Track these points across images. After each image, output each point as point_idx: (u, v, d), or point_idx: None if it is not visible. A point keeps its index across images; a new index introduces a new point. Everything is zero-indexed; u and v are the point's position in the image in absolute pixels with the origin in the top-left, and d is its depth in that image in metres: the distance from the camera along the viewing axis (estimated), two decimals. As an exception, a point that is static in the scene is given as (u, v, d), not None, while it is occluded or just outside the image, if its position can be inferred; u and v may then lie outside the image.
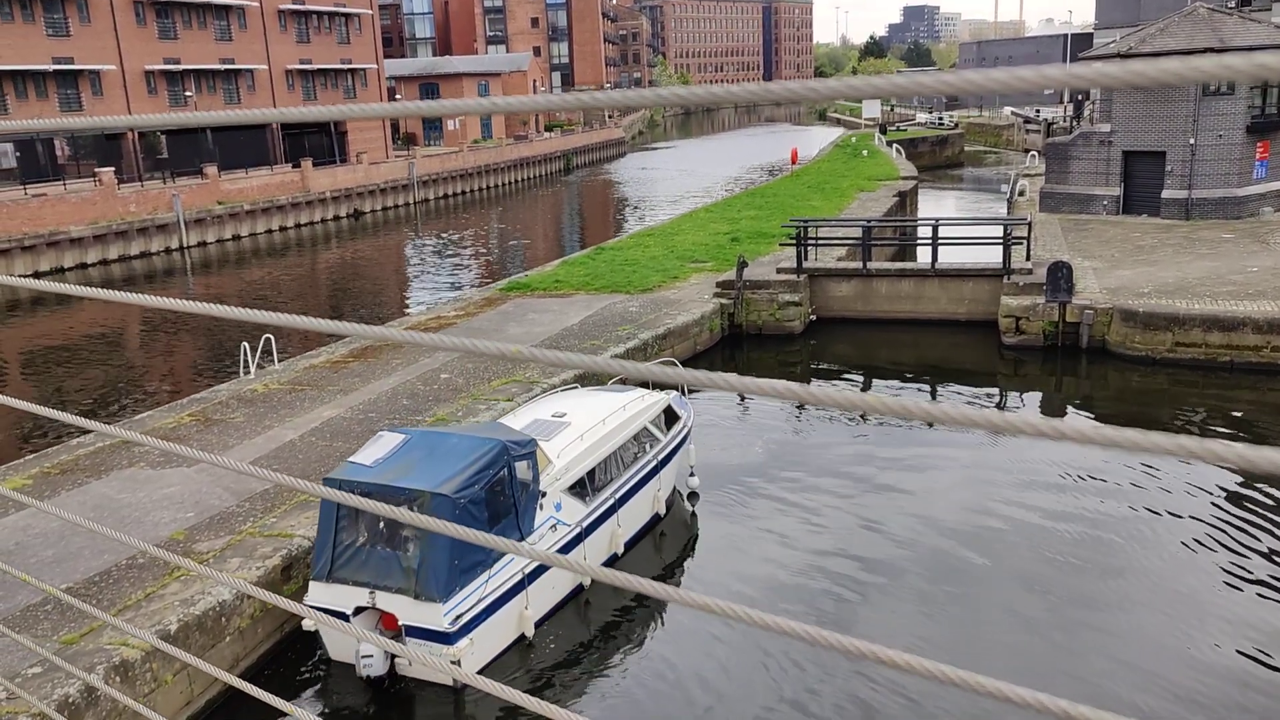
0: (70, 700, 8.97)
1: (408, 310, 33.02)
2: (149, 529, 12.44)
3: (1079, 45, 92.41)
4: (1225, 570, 12.86)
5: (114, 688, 9.39)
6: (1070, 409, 20.31)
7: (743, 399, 20.12)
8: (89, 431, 16.28)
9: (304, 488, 2.48)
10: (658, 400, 14.85)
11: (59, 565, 11.44)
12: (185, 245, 48.49)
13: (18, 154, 52.19)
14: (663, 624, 12.21)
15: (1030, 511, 14.65)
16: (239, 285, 40.71)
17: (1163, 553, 13.46)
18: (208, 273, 44.13)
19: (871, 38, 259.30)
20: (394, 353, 20.63)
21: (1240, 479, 15.32)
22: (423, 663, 10.44)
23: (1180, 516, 14.44)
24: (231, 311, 2.34)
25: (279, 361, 20.47)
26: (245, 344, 20.29)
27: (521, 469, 11.60)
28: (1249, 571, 12.79)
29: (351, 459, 11.62)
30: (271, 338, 20.92)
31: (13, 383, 26.46)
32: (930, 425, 18.03)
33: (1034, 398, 21.16)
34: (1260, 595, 12.22)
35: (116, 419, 21.17)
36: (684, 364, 22.58)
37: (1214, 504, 14.73)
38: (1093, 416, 19.48)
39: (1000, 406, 20.51)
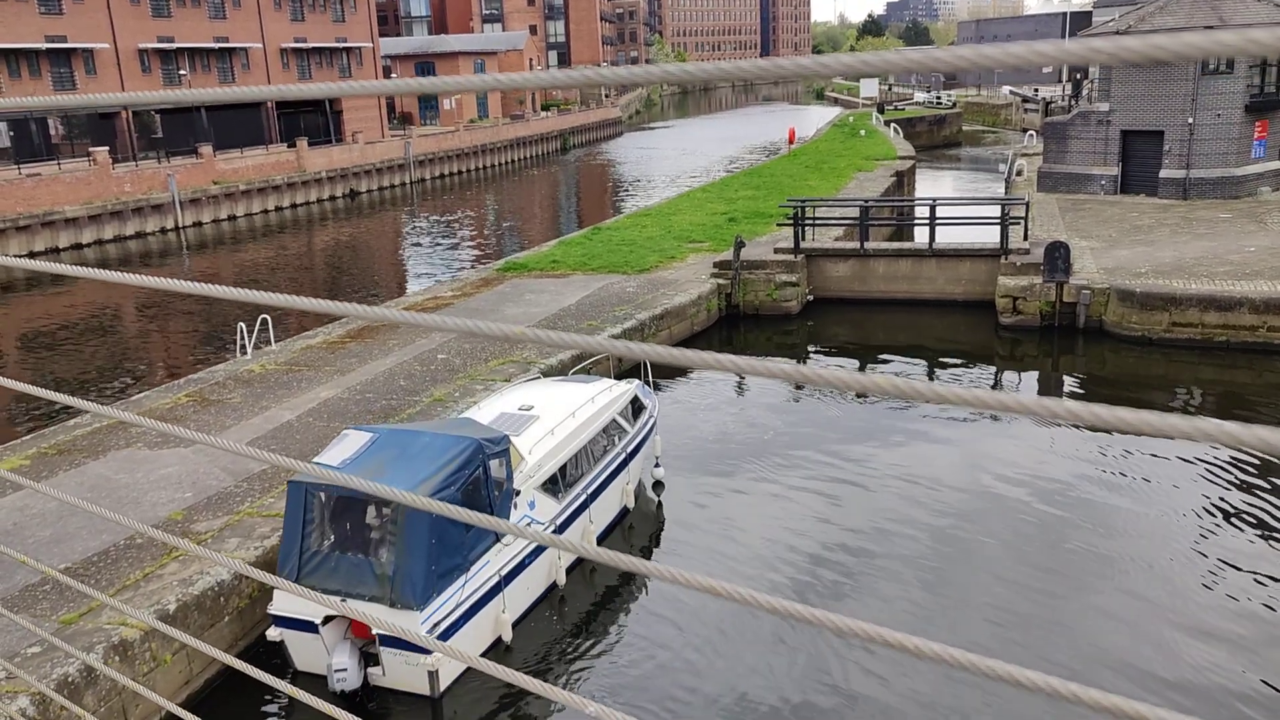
0: (70, 680, 9.01)
1: (405, 291, 32.96)
2: (147, 509, 12.45)
3: (1078, 24, 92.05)
4: (1219, 546, 12.91)
5: (113, 667, 9.42)
6: (1066, 389, 20.34)
7: (741, 381, 20.13)
8: (85, 412, 16.29)
9: (300, 467, 2.48)
10: (625, 391, 14.47)
11: (57, 545, 11.46)
12: (180, 225, 48.33)
13: (11, 133, 51.91)
14: (638, 614, 12.08)
15: (1022, 490, 14.68)
16: (235, 266, 40.59)
17: (1156, 530, 13.51)
18: (203, 253, 43.99)
19: (870, 16, 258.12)
20: (391, 333, 20.61)
21: (1234, 457, 15.37)
22: (403, 662, 10.19)
23: (1174, 494, 14.49)
24: (229, 292, 2.33)
25: (276, 342, 20.44)
26: (242, 324, 20.25)
27: (495, 467, 11.18)
28: (1242, 548, 12.85)
29: (317, 459, 11.06)
30: (268, 318, 20.89)
31: (9, 363, 26.41)
32: (923, 405, 18.03)
33: (1030, 378, 21.18)
34: (1252, 572, 12.28)
35: (113, 400, 21.15)
36: (681, 344, 22.55)
37: (1208, 481, 14.78)
38: (1089, 397, 19.50)
39: (996, 386, 20.54)
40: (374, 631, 10.13)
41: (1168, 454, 15.75)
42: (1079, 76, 57.63)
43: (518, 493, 11.59)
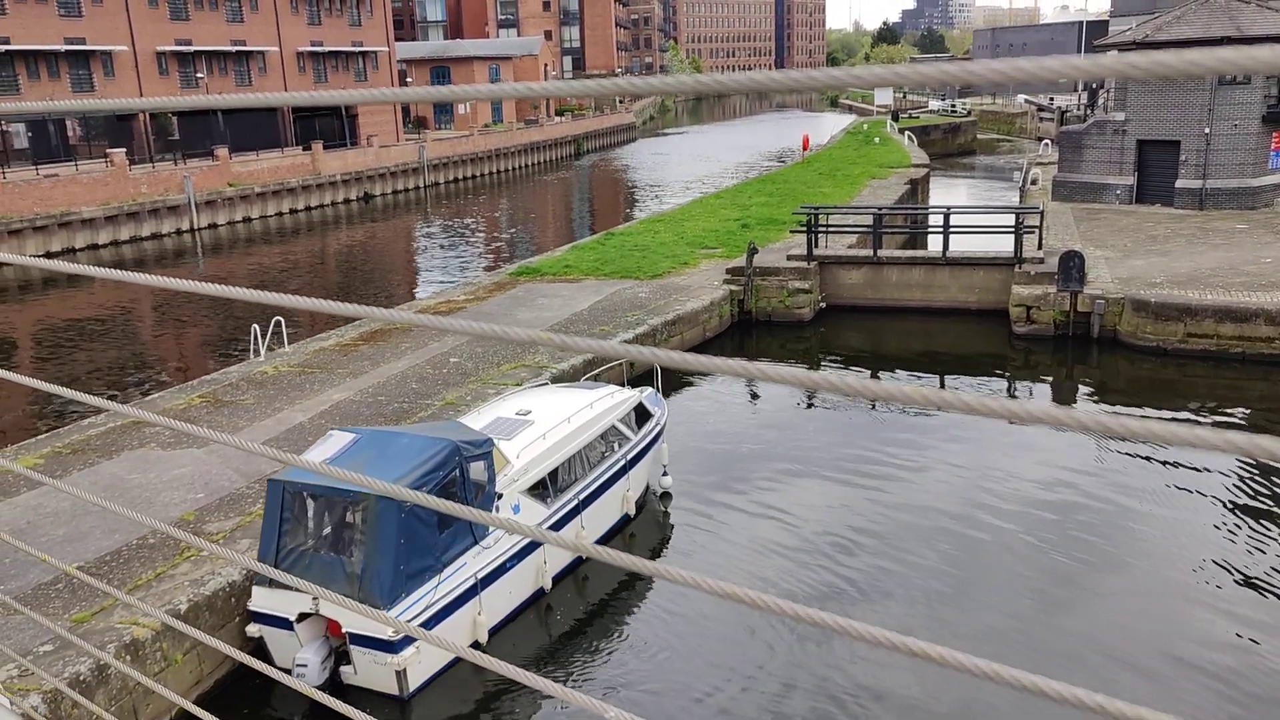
0: (81, 678, 9.05)
1: (417, 294, 33.06)
2: (159, 509, 12.51)
3: (1094, 32, 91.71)
4: (1231, 558, 12.82)
5: (125, 665, 9.46)
6: (1080, 399, 20.25)
7: (753, 388, 20.10)
8: (101, 411, 16.39)
9: (288, 459, 2.50)
10: (628, 398, 14.35)
11: (70, 545, 11.52)
12: (196, 227, 48.60)
13: (29, 134, 52.31)
14: (632, 621, 11.91)
15: (1036, 496, 14.60)
16: (249, 267, 40.79)
17: (1174, 537, 13.42)
18: (218, 254, 44.23)
19: (885, 23, 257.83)
20: (403, 336, 20.67)
21: (1255, 467, 15.26)
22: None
23: (1192, 503, 14.40)
24: (244, 293, 2.34)
25: (289, 344, 20.52)
26: (255, 326, 20.33)
27: (476, 470, 11.21)
28: (1255, 560, 12.75)
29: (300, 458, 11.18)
30: (282, 320, 20.96)
31: (25, 362, 26.60)
32: (935, 412, 17.96)
33: (1044, 387, 21.09)
34: (1265, 584, 12.19)
35: (127, 400, 21.27)
36: (693, 350, 22.56)
37: (1226, 491, 14.68)
38: (1103, 406, 19.41)
39: (1010, 395, 20.46)
40: (344, 629, 10.24)
41: (1184, 463, 15.66)
42: (1095, 86, 57.42)
43: (500, 496, 11.55)
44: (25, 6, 51.37)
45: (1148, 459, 15.94)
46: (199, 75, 61.33)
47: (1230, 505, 14.38)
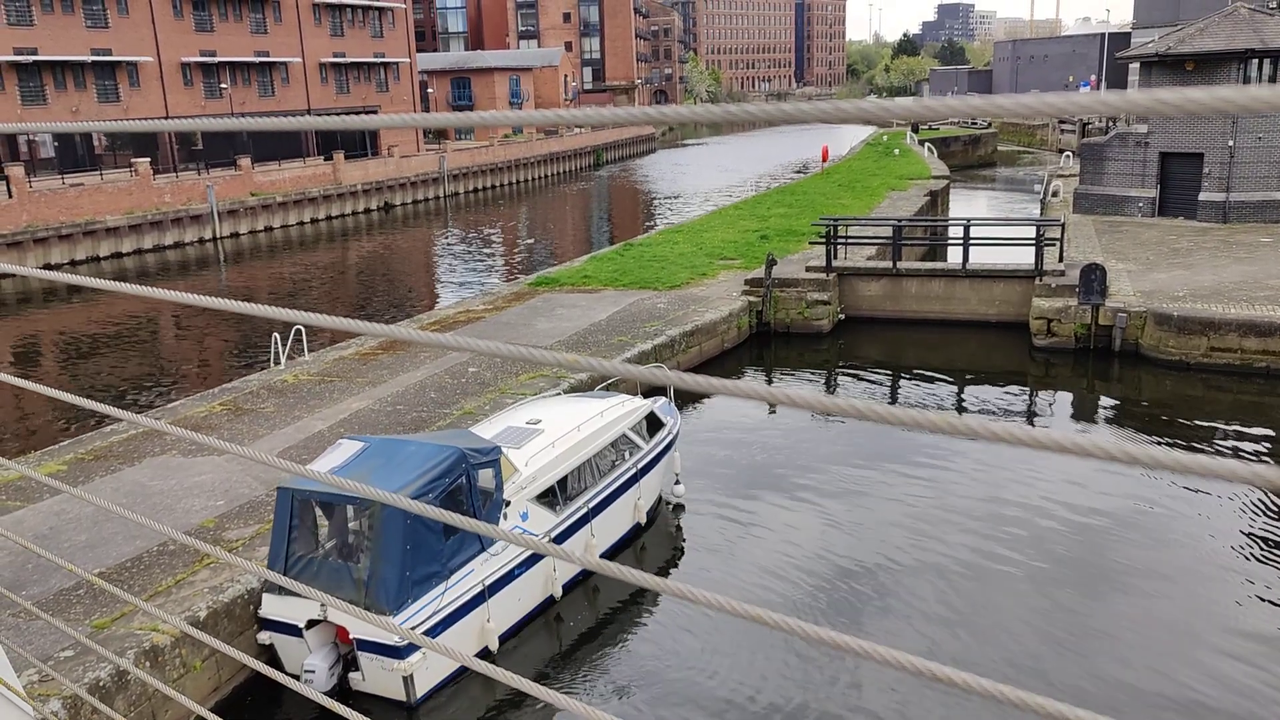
0: (101, 684, 9.11)
1: (436, 304, 33.20)
2: (180, 516, 12.59)
3: (1116, 45, 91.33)
4: (1258, 576, 12.68)
5: (144, 672, 9.51)
6: (1101, 414, 20.09)
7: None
8: (119, 420, 16.52)
9: (293, 468, 2.51)
10: (639, 407, 14.35)
11: (92, 550, 11.61)
12: (218, 236, 49.03)
13: (56, 144, 52.94)
14: (642, 632, 11.85)
15: (1052, 514, 14.49)
16: (270, 276, 41.08)
17: (1192, 557, 13.29)
18: (240, 263, 44.56)
19: (905, 35, 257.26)
20: (422, 346, 20.73)
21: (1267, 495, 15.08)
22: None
23: (1211, 520, 14.26)
24: (251, 308, 2.37)
25: (309, 353, 20.64)
26: (276, 335, 20.46)
27: (484, 477, 11.27)
28: (1271, 585, 12.61)
29: (309, 466, 11.23)
30: (302, 329, 21.08)
31: (50, 369, 26.86)
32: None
33: (1065, 401, 20.94)
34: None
35: (149, 407, 21.44)
36: (711, 361, 22.54)
37: (1247, 507, 14.53)
38: (1124, 421, 19.24)
39: (1030, 409, 20.32)
40: (351, 636, 10.30)
41: (1204, 482, 15.49)
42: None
43: (508, 503, 11.59)
44: (53, 17, 52.08)
45: (1173, 473, 15.78)
46: (223, 86, 61.94)
47: (1256, 519, 14.22)
